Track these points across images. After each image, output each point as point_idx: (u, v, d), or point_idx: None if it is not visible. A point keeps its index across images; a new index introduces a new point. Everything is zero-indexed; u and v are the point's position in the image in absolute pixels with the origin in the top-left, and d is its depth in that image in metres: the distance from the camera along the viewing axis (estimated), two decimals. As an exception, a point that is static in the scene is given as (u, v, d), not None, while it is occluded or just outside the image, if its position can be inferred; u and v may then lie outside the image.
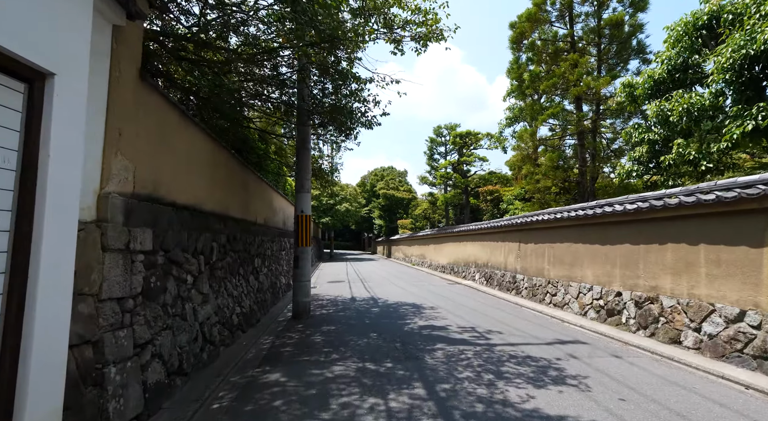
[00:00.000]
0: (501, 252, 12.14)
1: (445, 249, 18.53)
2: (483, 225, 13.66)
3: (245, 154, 10.50)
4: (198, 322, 4.90)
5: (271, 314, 8.70)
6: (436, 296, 11.23)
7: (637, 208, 6.35)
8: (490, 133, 19.36)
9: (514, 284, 10.89)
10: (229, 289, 6.44)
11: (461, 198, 19.96)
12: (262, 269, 9.35)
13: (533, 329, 6.86)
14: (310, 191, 8.40)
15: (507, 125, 14.78)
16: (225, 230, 6.62)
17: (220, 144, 6.67)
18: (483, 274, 13.45)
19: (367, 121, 7.19)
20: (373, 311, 8.67)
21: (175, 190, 4.76)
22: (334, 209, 31.42)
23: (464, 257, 15.76)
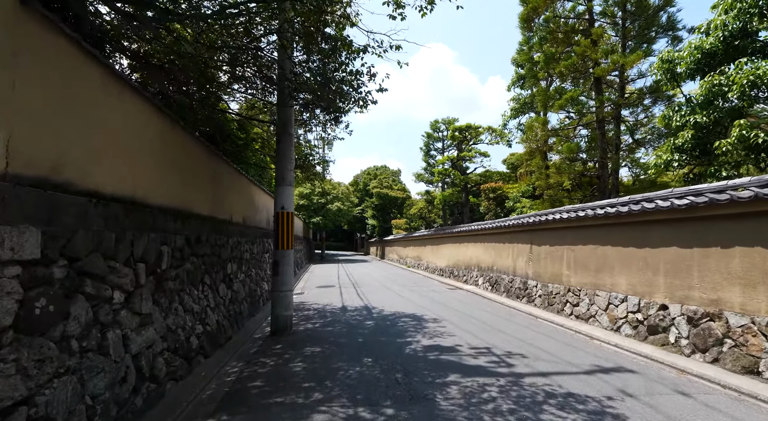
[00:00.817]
0: (509, 255, 10.97)
1: (443, 251, 17.34)
2: (487, 225, 12.49)
3: (221, 143, 9.21)
4: (131, 354, 3.62)
5: (246, 328, 7.41)
6: (438, 304, 10.01)
7: (690, 204, 5.19)
8: (492, 127, 18.21)
9: (525, 290, 9.72)
10: (187, 303, 5.15)
11: (460, 196, 18.75)
12: (237, 275, 8.06)
13: (561, 351, 5.67)
14: (292, 184, 7.13)
15: (512, 117, 13.66)
16: (184, 229, 5.33)
17: (178, 123, 5.38)
18: (487, 278, 12.27)
19: (360, 99, 5.95)
20: (367, 325, 7.42)
21: (97, 175, 3.47)
22: (326, 209, 30.09)
23: (465, 259, 14.58)
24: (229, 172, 8.16)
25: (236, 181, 8.73)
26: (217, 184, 7.21)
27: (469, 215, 18.47)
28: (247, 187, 9.87)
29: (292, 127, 7.17)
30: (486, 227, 12.43)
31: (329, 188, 31.96)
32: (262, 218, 11.78)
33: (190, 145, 5.94)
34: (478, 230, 13.10)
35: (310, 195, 30.43)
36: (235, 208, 8.52)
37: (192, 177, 5.95)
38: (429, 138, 23.44)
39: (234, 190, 8.49)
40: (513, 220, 10.63)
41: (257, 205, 10.82)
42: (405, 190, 39.55)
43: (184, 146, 5.70)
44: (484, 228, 12.52)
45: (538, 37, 10.14)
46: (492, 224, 12.10)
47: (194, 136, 6.05)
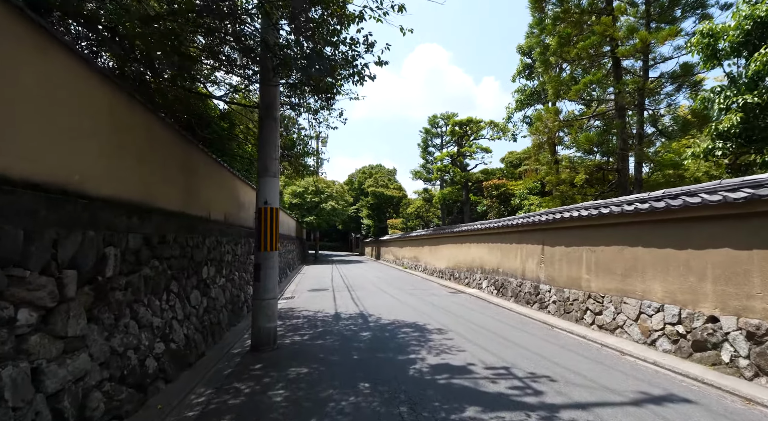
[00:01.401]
0: (516, 256, 10.11)
1: (443, 251, 16.47)
2: (491, 224, 11.63)
3: (199, 131, 8.25)
4: (45, 394, 2.69)
5: (225, 341, 6.46)
6: (441, 310, 9.12)
7: (750, 196, 4.35)
8: (494, 121, 17.27)
9: (537, 296, 8.86)
10: (143, 317, 4.21)
11: (460, 194, 17.86)
12: (216, 280, 7.11)
13: (593, 371, 4.80)
14: (277, 176, 6.20)
15: (517, 109, 12.84)
16: (142, 227, 4.39)
17: (136, 99, 4.44)
18: (492, 282, 11.41)
19: (356, 72, 5.03)
20: (364, 337, 6.51)
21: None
22: (320, 208, 29.12)
23: (467, 260, 13.71)
24: (208, 164, 7.22)
25: (216, 174, 7.79)
26: (191, 176, 6.27)
27: (469, 214, 17.65)
28: (230, 181, 8.92)
29: (276, 109, 6.24)
30: (491, 226, 11.57)
31: (323, 187, 30.99)
32: (249, 215, 10.81)
33: (156, 128, 5.00)
34: (482, 229, 12.24)
35: (303, 193, 29.45)
36: (215, 204, 7.58)
37: (158, 166, 5.02)
38: (427, 134, 22.53)
39: (213, 184, 7.55)
40: (522, 218, 9.78)
41: (242, 201, 9.87)
42: (401, 190, 38.67)
43: (147, 128, 4.76)
44: (489, 227, 11.66)
45: (550, 18, 9.26)
46: (497, 223, 11.24)
47: (160, 117, 5.10)
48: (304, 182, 30.77)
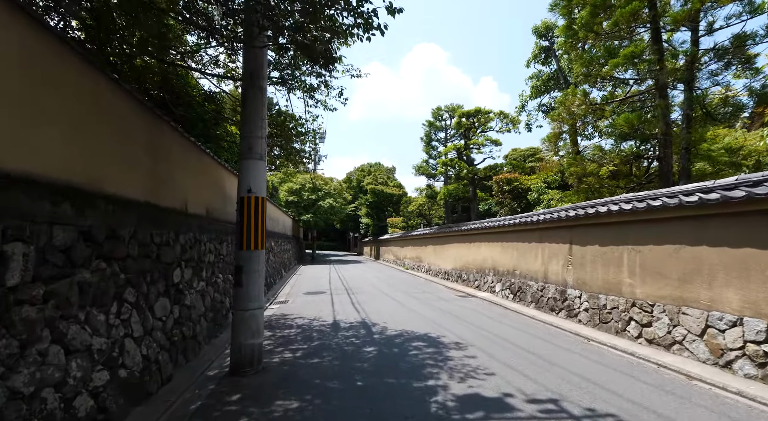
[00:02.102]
0: (537, 256, 9.05)
1: (448, 251, 15.39)
2: (506, 221, 10.56)
3: (174, 109, 7.14)
4: None
5: (201, 359, 5.36)
6: (453, 318, 8.04)
7: None
8: (504, 112, 16.19)
9: (564, 302, 7.79)
10: (74, 339, 3.11)
11: (467, 190, 16.74)
12: (193, 284, 6.00)
13: (668, 405, 3.73)
14: (264, 158, 5.11)
15: (532, 96, 11.78)
16: (79, 217, 3.29)
17: (78, 53, 3.34)
18: (507, 285, 10.33)
19: (363, 21, 3.92)
20: (368, 354, 5.42)
21: None
22: (317, 205, 28.01)
23: (477, 261, 12.64)
24: (185, 148, 6.12)
25: (196, 161, 6.69)
26: (162, 160, 5.17)
27: (476, 211, 16.52)
28: (215, 170, 7.82)
29: (263, 78, 5.14)
30: (505, 223, 10.49)
31: (321, 184, 29.89)
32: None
33: (106, 92, 3.89)
34: (495, 227, 11.17)
35: (300, 191, 28.34)
36: (195, 195, 6.48)
37: (109, 140, 3.92)
38: (430, 127, 21.40)
39: (193, 172, 6.45)
40: (543, 214, 8.71)
41: (229, 194, 8.76)
42: (401, 187, 37.57)
43: (92, 90, 3.65)
44: (503, 225, 10.59)
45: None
46: (513, 220, 10.17)
47: (113, 79, 3.99)
48: (301, 179, 29.69)
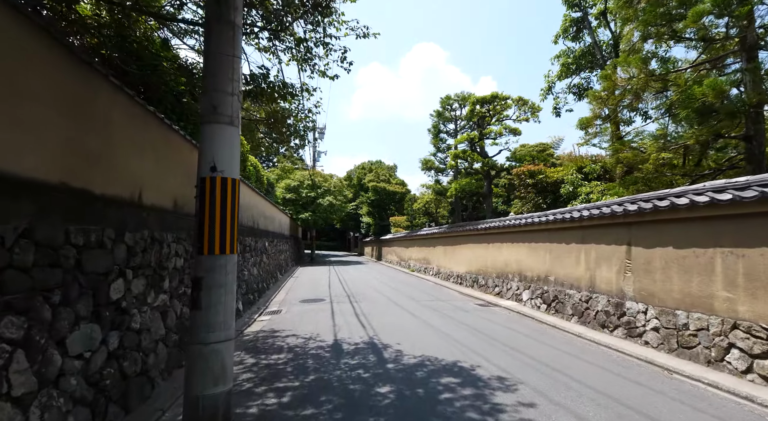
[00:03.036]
0: (579, 260, 7.54)
1: (462, 253, 13.87)
2: (534, 218, 9.05)
3: (131, 69, 5.61)
4: None
5: (148, 408, 3.84)
6: (484, 338, 6.53)
7: None
8: (522, 98, 14.57)
9: (620, 318, 6.27)
10: None
11: (481, 185, 15.22)
12: (147, 299, 4.48)
13: None
14: (236, 124, 3.58)
15: (560, 77, 10.29)
16: None
17: None
18: (538, 293, 8.82)
19: None
20: (383, 401, 3.89)
21: None
22: (316, 203, 26.48)
23: (497, 264, 11.13)
24: (139, 119, 4.60)
25: (159, 138, 5.17)
26: (95, 130, 3.66)
27: (491, 208, 14.93)
28: (188, 153, 6.29)
29: (236, 9, 3.61)
30: (534, 221, 8.98)
31: (320, 181, 28.38)
32: None
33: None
34: (520, 225, 9.66)
35: (299, 188, 26.82)
36: (154, 182, 4.97)
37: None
38: (439, 117, 19.82)
39: (151, 152, 4.93)
40: (587, 209, 7.20)
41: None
42: (404, 185, 35.99)
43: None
44: (532, 223, 9.07)
45: None
46: (544, 217, 8.66)
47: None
48: (299, 175, 28.19)
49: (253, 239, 11.55)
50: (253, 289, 10.48)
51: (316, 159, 33.57)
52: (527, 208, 11.62)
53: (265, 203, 15.27)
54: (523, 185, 11.45)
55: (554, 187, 11.07)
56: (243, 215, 10.72)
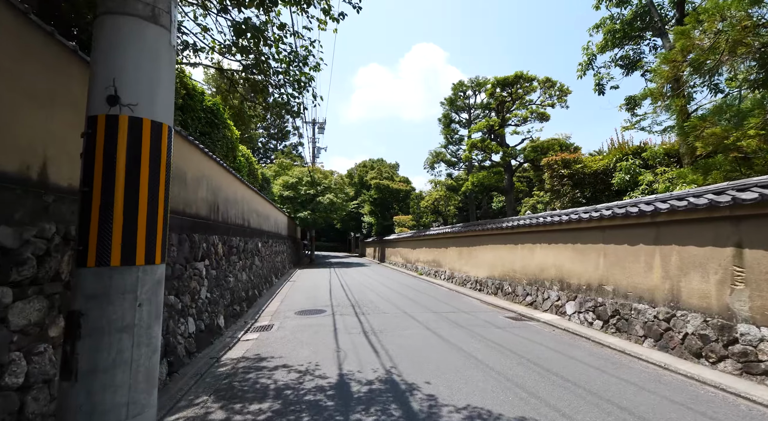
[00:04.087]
0: (650, 266, 5.91)
1: (482, 254, 12.24)
2: (582, 214, 7.43)
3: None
4: None
5: None
6: (544, 374, 4.89)
7: None
8: (550, 79, 12.90)
9: (728, 346, 4.63)
10: None
11: (501, 179, 13.62)
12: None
13: None
14: (168, 25, 1.93)
15: (603, 49, 8.66)
16: None
17: None
18: (590, 306, 7.18)
19: None
20: None
21: None
22: (315, 201, 24.83)
23: (529, 269, 9.49)
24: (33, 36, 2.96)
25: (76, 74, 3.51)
26: None
27: (513, 205, 13.31)
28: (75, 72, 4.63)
29: None
30: (582, 217, 7.35)
31: (320, 177, 26.74)
32: (193, 194, 6.60)
33: None
34: (560, 222, 8.03)
35: (297, 185, 25.19)
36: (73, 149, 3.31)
37: None
38: (450, 106, 18.18)
39: (59, 100, 3.28)
40: (666, 200, 5.58)
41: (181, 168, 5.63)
42: (408, 183, 34.33)
43: None
44: (579, 220, 7.44)
45: None
46: (596, 212, 7.04)
47: None
48: (297, 172, 26.57)
49: (241, 240, 9.91)
50: (240, 298, 8.85)
51: (316, 155, 31.92)
52: (561, 204, 10.01)
53: (259, 199, 13.64)
54: (556, 177, 9.85)
55: (593, 179, 9.46)
56: (230, 211, 9.09)
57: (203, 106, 8.47)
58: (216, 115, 9.15)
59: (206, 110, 8.65)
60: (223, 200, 8.43)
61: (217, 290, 7.20)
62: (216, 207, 7.80)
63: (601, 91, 8.93)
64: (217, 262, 7.47)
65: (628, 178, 7.63)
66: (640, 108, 8.86)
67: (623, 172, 7.75)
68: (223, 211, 8.36)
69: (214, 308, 6.73)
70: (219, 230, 7.80)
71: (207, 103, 8.75)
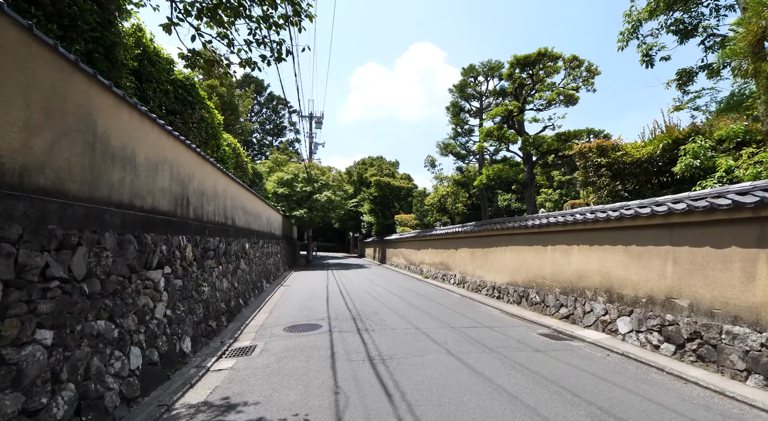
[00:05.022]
0: (751, 275, 4.46)
1: (499, 257, 10.78)
2: (638, 209, 5.97)
3: None
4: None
5: None
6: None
7: None
8: (577, 57, 11.42)
9: None
10: None
11: (520, 171, 12.15)
12: None
13: None
14: None
15: (652, 14, 7.22)
16: None
17: None
18: (652, 323, 5.73)
19: None
20: None
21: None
22: (312, 199, 23.33)
23: (564, 275, 8.04)
24: None
25: None
26: None
27: (533, 202, 11.84)
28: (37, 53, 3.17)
29: None
30: (639, 212, 5.89)
31: (317, 174, 25.23)
32: (116, 175, 5.10)
33: None
34: (606, 220, 6.58)
35: (292, 182, 23.67)
36: None
37: None
38: (460, 93, 16.63)
39: None
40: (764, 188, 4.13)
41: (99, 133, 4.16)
42: (410, 180, 32.85)
43: None
44: (635, 216, 5.99)
45: None
46: (659, 207, 5.59)
47: None
48: (293, 168, 25.07)
49: (223, 241, 8.43)
50: (218, 311, 7.37)
51: (313, 151, 30.44)
52: (597, 197, 8.57)
53: (248, 195, 12.15)
54: (591, 167, 8.41)
55: (636, 169, 8.01)
56: (207, 207, 7.61)
57: (171, 79, 6.97)
58: (190, 92, 7.65)
59: (176, 84, 7.16)
60: (196, 193, 6.95)
61: (184, 305, 5.71)
62: (185, 201, 6.31)
63: (650, 63, 7.51)
64: (185, 269, 5.98)
65: (698, 164, 6.19)
66: (693, 84, 7.45)
67: (689, 156, 6.31)
68: (195, 206, 6.88)
69: (176, 328, 5.25)
70: (188, 229, 6.32)
71: (177, 75, 7.25)
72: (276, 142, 47.72)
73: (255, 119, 47.10)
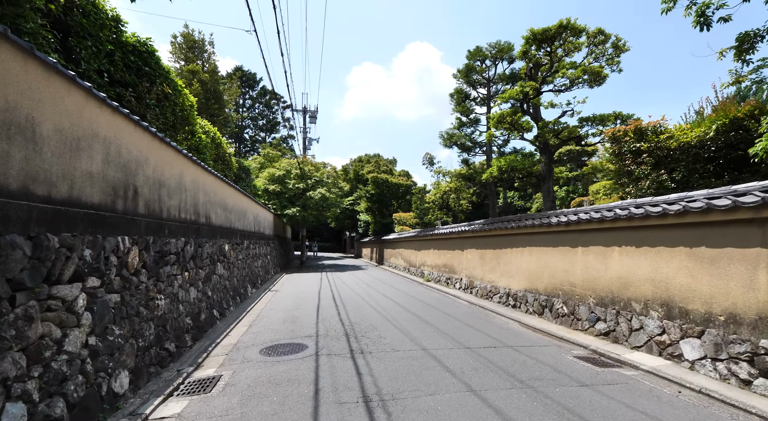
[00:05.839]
0: None
1: (515, 259, 9.46)
2: (712, 200, 4.67)
3: None
4: None
5: None
6: None
7: None
8: (603, 31, 10.04)
9: None
10: None
11: (537, 161, 10.82)
12: None
13: None
14: None
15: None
16: None
17: None
18: (738, 351, 4.43)
19: None
20: None
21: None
22: (306, 196, 21.94)
23: (600, 282, 6.72)
24: None
25: None
26: None
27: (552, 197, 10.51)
28: None
29: None
30: (709, 205, 4.58)
31: (311, 170, 23.82)
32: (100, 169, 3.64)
33: None
34: (660, 215, 5.26)
35: (284, 178, 22.27)
36: None
37: None
38: (465, 78, 15.24)
39: None
40: None
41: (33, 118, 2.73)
42: (408, 177, 31.51)
43: None
44: (701, 210, 4.68)
45: None
46: (736, 195, 4.29)
47: None
48: (285, 164, 23.66)
49: (191, 242, 7.06)
50: (181, 328, 6.00)
51: (307, 147, 29.03)
52: (636, 189, 7.27)
53: (228, 190, 10.76)
54: (628, 154, 7.12)
55: (684, 155, 6.70)
56: (168, 200, 6.23)
57: (117, 40, 5.58)
58: (147, 61, 6.26)
59: (125, 49, 5.77)
60: (151, 183, 5.57)
61: (123, 327, 4.33)
62: (130, 192, 4.93)
63: (706, 25, 6.22)
64: (126, 279, 4.60)
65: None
66: (756, 52, 6.17)
67: (774, 134, 5.03)
68: (149, 199, 5.50)
69: (106, 361, 3.87)
70: (134, 227, 4.94)
71: (129, 38, 5.86)
72: (269, 138, 46.26)
73: (247, 114, 45.61)
